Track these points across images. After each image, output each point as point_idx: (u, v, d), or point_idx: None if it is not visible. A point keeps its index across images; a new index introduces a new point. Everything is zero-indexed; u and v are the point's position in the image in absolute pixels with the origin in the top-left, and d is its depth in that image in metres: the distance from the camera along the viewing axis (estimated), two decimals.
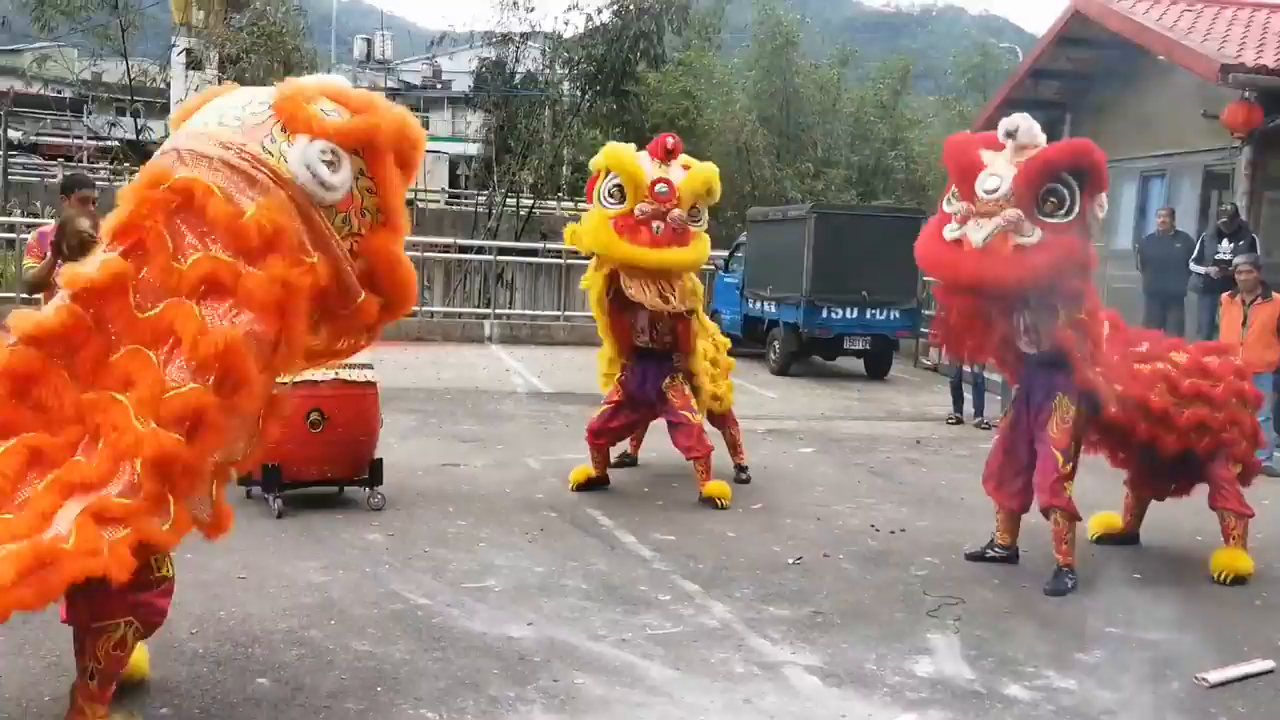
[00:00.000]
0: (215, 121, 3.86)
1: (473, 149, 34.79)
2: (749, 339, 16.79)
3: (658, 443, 9.72)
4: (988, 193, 5.88)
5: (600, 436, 8.14)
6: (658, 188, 7.55)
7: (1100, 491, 7.56)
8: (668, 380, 7.97)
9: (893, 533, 7.37)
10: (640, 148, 8.00)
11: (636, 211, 7.51)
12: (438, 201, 34.79)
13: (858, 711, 4.59)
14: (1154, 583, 6.57)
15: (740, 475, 8.64)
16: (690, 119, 24.10)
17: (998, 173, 5.92)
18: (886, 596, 6.10)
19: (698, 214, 7.79)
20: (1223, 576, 6.64)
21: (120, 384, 3.46)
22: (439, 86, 55.17)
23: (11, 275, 15.31)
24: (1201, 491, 6.90)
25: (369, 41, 58.24)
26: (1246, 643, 5.58)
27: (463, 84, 42.58)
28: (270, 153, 3.74)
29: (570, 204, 29.28)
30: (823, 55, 26.26)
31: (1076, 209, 5.90)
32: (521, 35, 26.84)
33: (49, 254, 6.84)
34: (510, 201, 26.64)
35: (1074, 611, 5.97)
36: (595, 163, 7.87)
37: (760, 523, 7.52)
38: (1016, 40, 35.15)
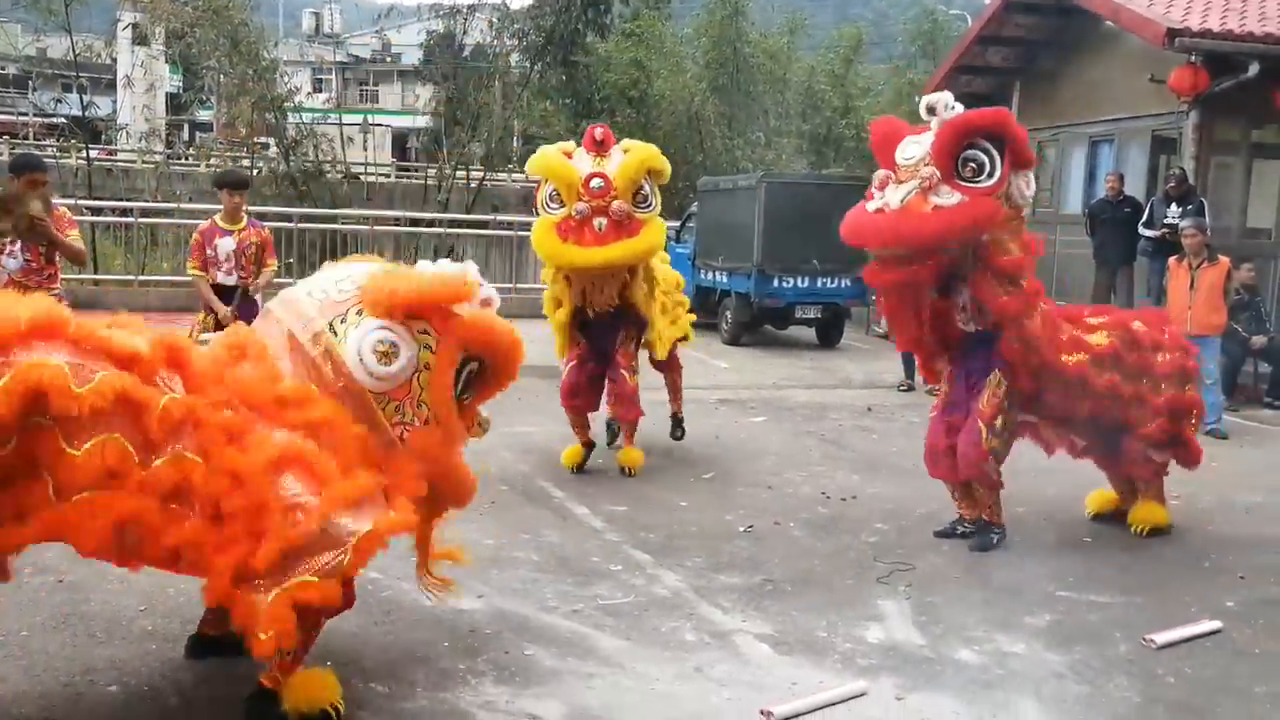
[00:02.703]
0: (308, 291, 4.06)
1: (422, 122, 34.46)
2: (701, 309, 16.69)
3: (604, 411, 9.71)
4: (906, 159, 5.94)
5: (575, 396, 7.90)
6: (593, 183, 7.28)
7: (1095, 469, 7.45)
8: (620, 336, 7.86)
9: (844, 500, 7.39)
10: (589, 118, 7.88)
11: (574, 212, 7.26)
12: (387, 175, 34.47)
13: (809, 678, 4.60)
14: (1102, 546, 6.64)
15: (676, 432, 8.66)
16: (640, 89, 23.99)
17: (918, 140, 5.98)
18: (837, 564, 6.12)
19: (646, 199, 7.50)
20: (1139, 529, 6.80)
21: None
22: (388, 60, 54.67)
23: None
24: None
25: (317, 15, 57.60)
26: (1194, 604, 5.64)
27: (411, 57, 42.23)
28: (336, 333, 3.89)
29: (521, 175, 29.10)
30: (772, 24, 26.18)
31: (997, 173, 5.87)
32: (469, 7, 26.54)
33: None
34: (460, 174, 26.42)
35: (1023, 576, 6.01)
36: (529, 171, 7.67)
37: (711, 492, 7.52)
38: (966, 6, 35.21)
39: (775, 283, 15.14)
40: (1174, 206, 12.02)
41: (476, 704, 4.23)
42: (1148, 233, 12.25)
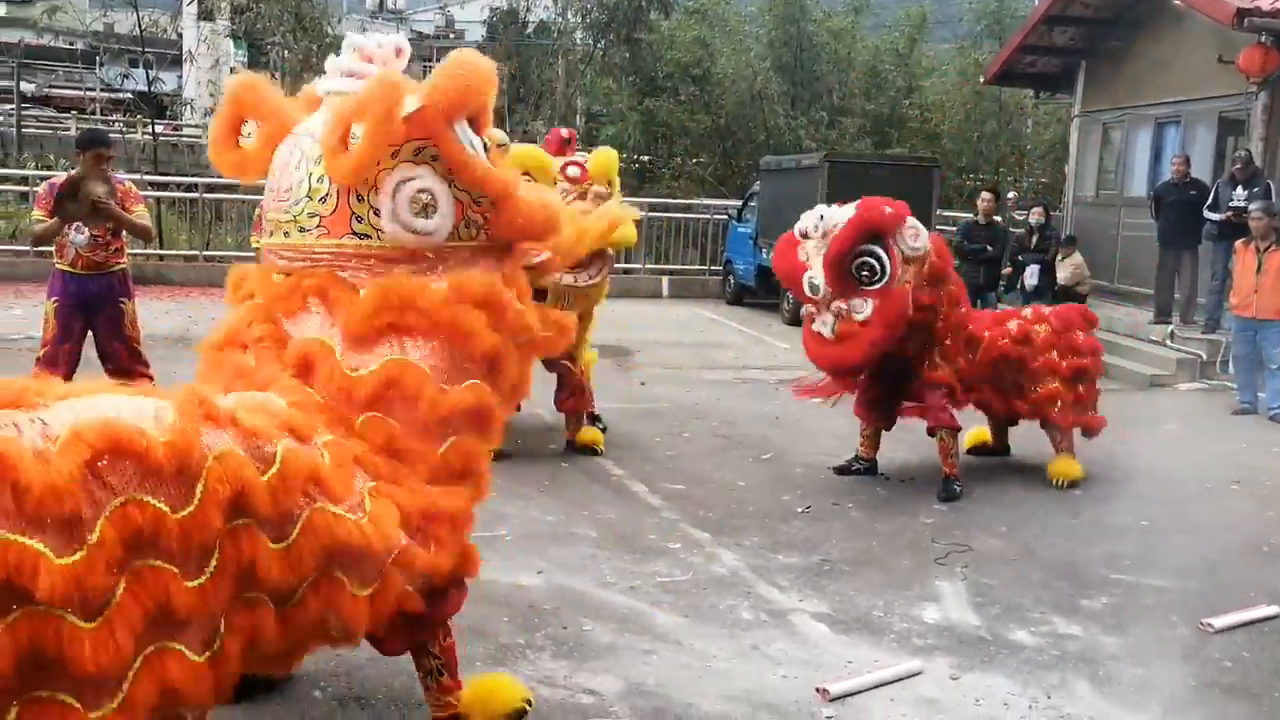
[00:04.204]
0: (293, 214, 3.43)
1: None
2: (762, 289, 16.76)
3: (667, 392, 9.79)
4: (813, 292, 6.64)
5: None
6: (568, 169, 7.50)
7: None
8: None
9: (902, 481, 7.40)
10: (652, 96, 7.94)
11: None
12: None
13: (864, 657, 4.64)
14: (1160, 529, 6.60)
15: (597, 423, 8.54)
16: (703, 67, 23.84)
17: (814, 269, 6.62)
18: (894, 544, 6.14)
19: (610, 193, 7.70)
20: (1059, 482, 7.36)
21: None
22: (451, 36, 54.85)
23: (26, 227, 15.36)
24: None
25: None
26: (1252, 588, 5.61)
27: (475, 34, 42.30)
28: (365, 234, 3.36)
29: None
30: (837, 3, 25.94)
31: (889, 268, 6.52)
32: None
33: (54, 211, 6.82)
34: None
35: (1081, 559, 6.01)
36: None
37: (770, 472, 7.55)
38: None
39: None
40: (1240, 189, 11.78)
41: (535, 678, 4.30)
42: (1213, 216, 12.04)
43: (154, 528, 2.43)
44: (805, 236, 6.74)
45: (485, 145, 3.52)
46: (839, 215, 6.63)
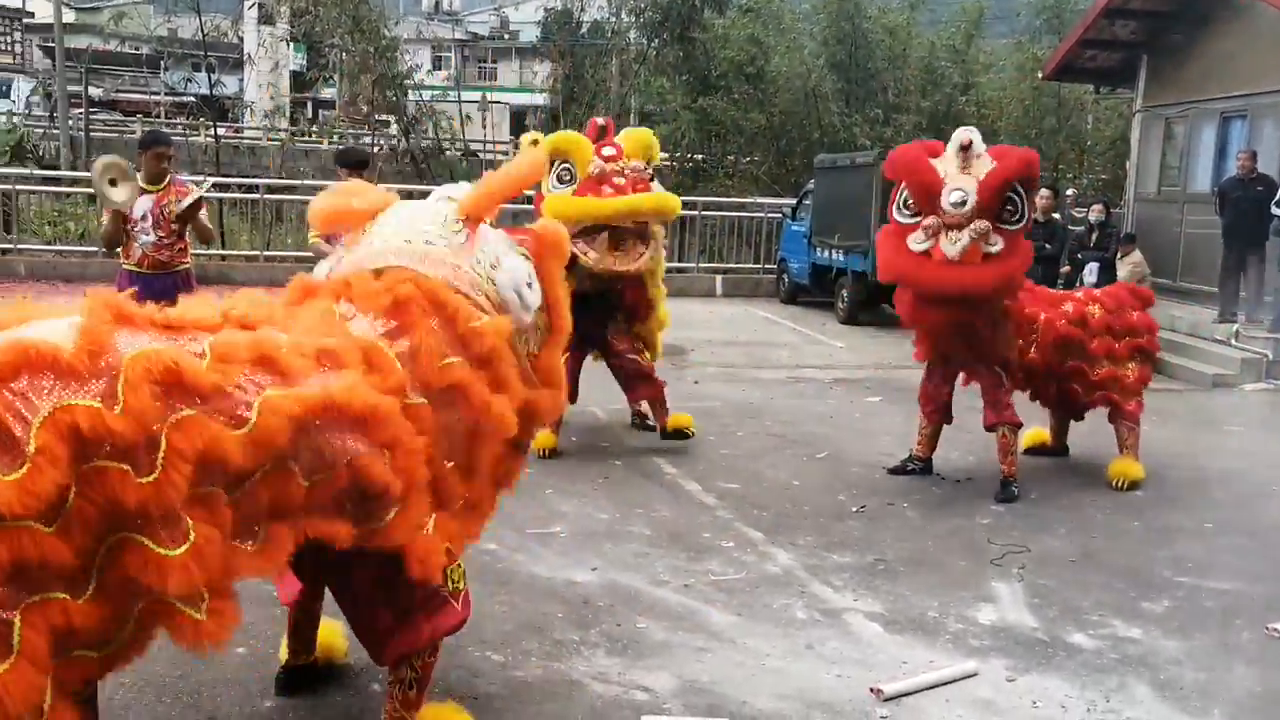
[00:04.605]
0: (414, 236, 3.55)
1: (540, 99, 34.74)
2: (817, 288, 16.69)
3: (721, 391, 9.78)
4: (955, 206, 6.42)
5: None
6: (604, 149, 7.40)
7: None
8: (613, 323, 7.80)
9: (958, 481, 7.33)
10: (705, 94, 7.94)
11: (592, 170, 7.28)
12: (505, 153, 34.87)
13: (919, 658, 4.61)
14: (1224, 531, 6.50)
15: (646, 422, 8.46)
16: (757, 65, 23.77)
17: (961, 186, 6.45)
18: (950, 545, 6.09)
19: (647, 170, 7.61)
20: (1119, 483, 7.24)
21: None
22: (506, 37, 55.15)
23: (94, 228, 15.66)
24: None
25: None
26: None
27: (530, 34, 42.53)
28: (479, 275, 3.53)
29: None
30: (892, 0, 25.75)
31: (1026, 215, 6.60)
32: None
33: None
34: None
35: (1142, 561, 5.93)
36: (538, 157, 7.50)
37: (825, 471, 7.52)
38: None
39: None
40: None
41: (589, 674, 4.33)
42: None
43: (90, 426, 2.44)
44: (965, 150, 6.56)
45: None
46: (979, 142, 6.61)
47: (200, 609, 2.66)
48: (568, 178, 7.38)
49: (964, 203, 6.39)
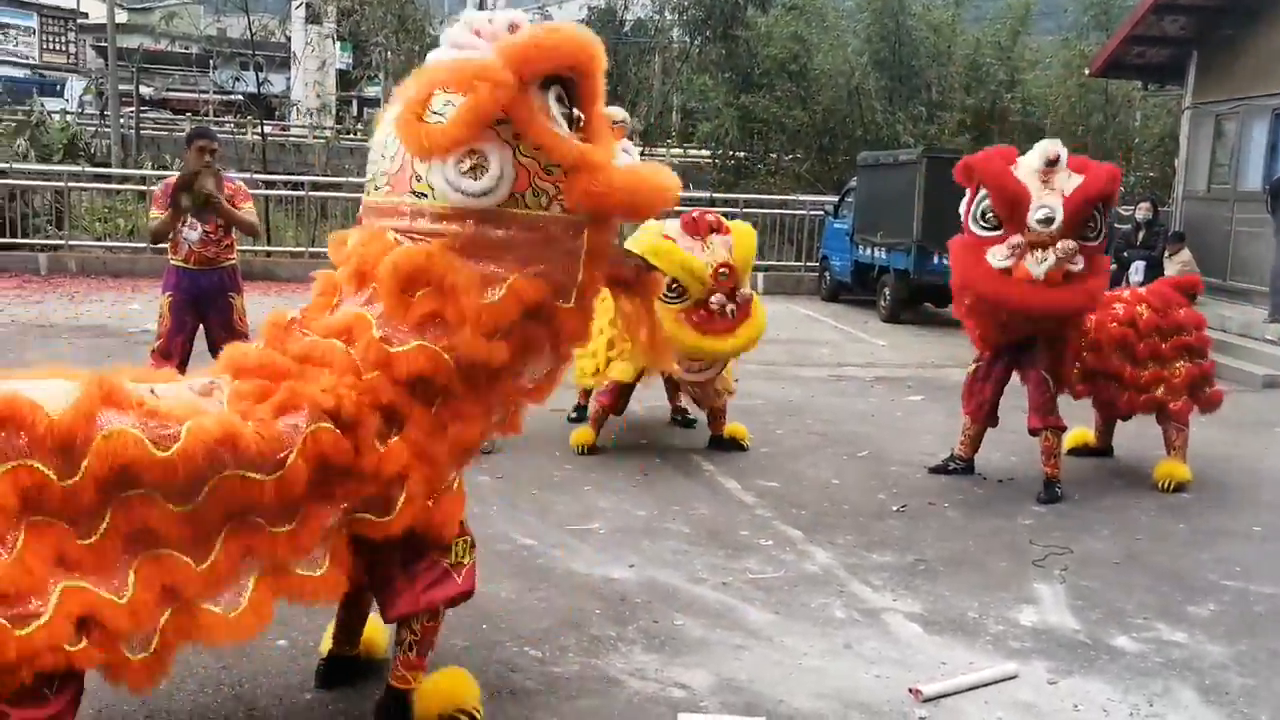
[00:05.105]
0: (374, 174, 3.58)
1: None
2: (859, 285, 16.62)
3: (761, 389, 9.75)
4: (1041, 224, 6.35)
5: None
6: (720, 273, 7.01)
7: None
8: None
9: (1000, 482, 7.27)
10: (748, 92, 7.73)
11: (713, 303, 7.01)
12: None
13: (959, 659, 4.58)
14: (1274, 536, 6.40)
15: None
16: (800, 63, 23.67)
17: (1048, 204, 6.37)
18: (991, 545, 6.04)
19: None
20: (1165, 485, 7.14)
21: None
22: None
23: (143, 224, 15.86)
24: None
25: None
26: None
27: None
28: (423, 193, 3.40)
29: (679, 151, 29.14)
30: None
31: (1102, 231, 6.54)
32: None
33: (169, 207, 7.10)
34: None
35: (1188, 564, 5.85)
36: (643, 252, 7.10)
37: (865, 470, 7.48)
38: None
39: (935, 260, 14.83)
40: None
41: (626, 670, 4.33)
42: None
43: (39, 490, 2.80)
44: (1052, 165, 6.47)
45: (576, 118, 3.42)
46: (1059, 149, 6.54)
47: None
48: (677, 290, 6.97)
49: (1051, 220, 6.32)
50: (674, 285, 6.88)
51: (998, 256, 6.44)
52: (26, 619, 2.72)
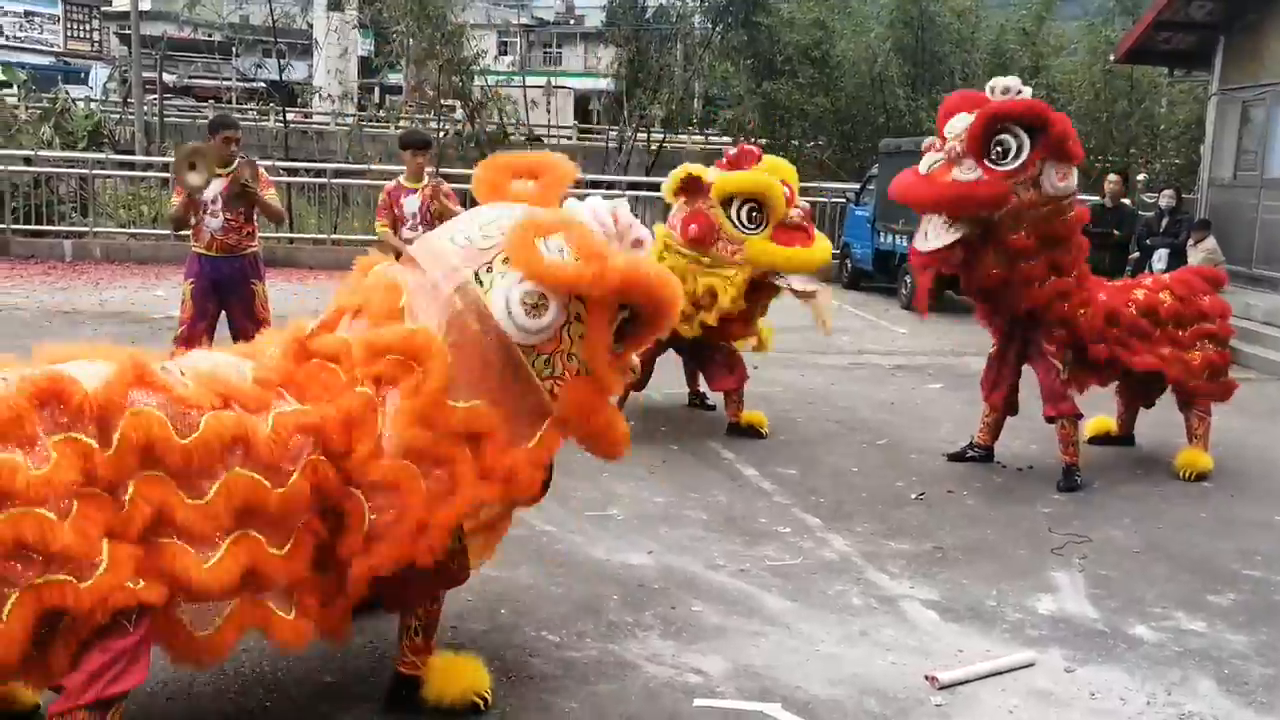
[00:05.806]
0: (450, 237, 3.76)
1: (604, 84, 34.75)
2: (880, 273, 16.55)
3: (781, 376, 9.73)
4: (951, 132, 6.48)
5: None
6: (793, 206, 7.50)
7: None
8: None
9: (1019, 470, 7.25)
10: (770, 79, 7.85)
11: (794, 216, 7.43)
12: (569, 138, 34.95)
13: (975, 646, 4.58)
14: None
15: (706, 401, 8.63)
16: (823, 49, 23.58)
17: (967, 116, 6.44)
18: (1010, 533, 6.02)
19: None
20: (1186, 474, 7.14)
21: None
22: (571, 22, 55.21)
23: (167, 212, 15.94)
24: None
25: None
26: None
27: (595, 19, 42.52)
28: (481, 283, 3.58)
29: (700, 138, 29.09)
30: None
31: (1020, 159, 6.32)
32: None
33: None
34: (641, 136, 26.63)
35: (1208, 553, 5.82)
36: (727, 188, 7.45)
37: (884, 458, 7.47)
38: None
39: None
40: None
41: (643, 656, 4.35)
42: None
43: (87, 460, 2.98)
44: (1005, 92, 6.60)
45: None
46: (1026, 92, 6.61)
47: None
48: (756, 218, 7.36)
49: (957, 130, 6.45)
50: (753, 214, 7.34)
51: (923, 165, 6.62)
52: (87, 572, 2.92)
